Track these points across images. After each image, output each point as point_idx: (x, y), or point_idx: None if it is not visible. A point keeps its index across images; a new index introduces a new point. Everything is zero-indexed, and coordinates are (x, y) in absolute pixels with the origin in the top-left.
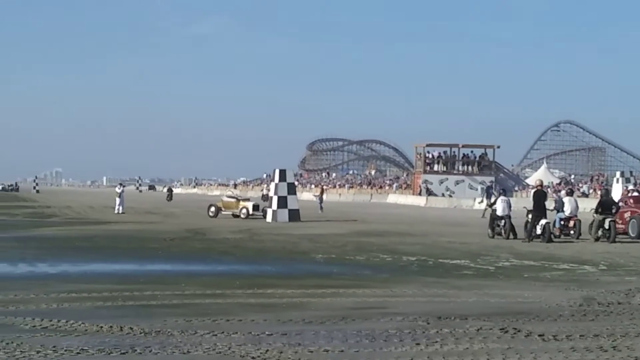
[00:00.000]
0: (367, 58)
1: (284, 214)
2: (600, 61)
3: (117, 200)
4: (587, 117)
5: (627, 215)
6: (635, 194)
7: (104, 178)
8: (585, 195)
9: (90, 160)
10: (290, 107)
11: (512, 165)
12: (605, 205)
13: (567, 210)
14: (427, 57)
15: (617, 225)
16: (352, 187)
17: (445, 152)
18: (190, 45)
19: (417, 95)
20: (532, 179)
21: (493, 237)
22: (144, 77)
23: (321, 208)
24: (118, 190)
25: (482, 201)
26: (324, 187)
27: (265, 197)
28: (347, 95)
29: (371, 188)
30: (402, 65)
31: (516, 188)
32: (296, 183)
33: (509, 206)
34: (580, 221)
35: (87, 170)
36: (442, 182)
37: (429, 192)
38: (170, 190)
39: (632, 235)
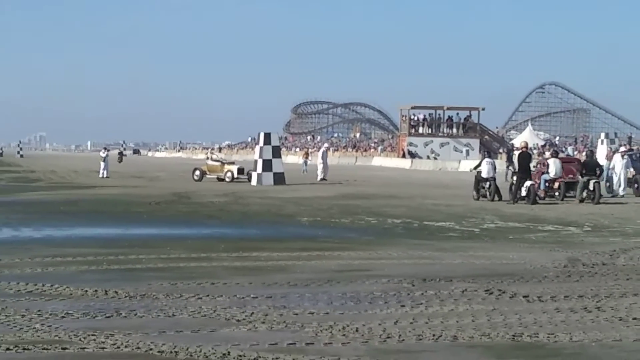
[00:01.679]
0: (352, 20)
1: (269, 177)
2: (584, 21)
3: (102, 164)
4: (571, 79)
5: (545, 176)
6: (621, 152)
7: (89, 142)
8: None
9: (74, 124)
10: (275, 69)
11: (497, 128)
12: (589, 167)
13: (552, 172)
14: (411, 20)
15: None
16: (337, 150)
17: (430, 115)
18: (177, 8)
19: (402, 57)
20: (517, 141)
21: (478, 199)
22: (129, 41)
23: (306, 170)
24: (102, 154)
25: (508, 166)
26: (309, 150)
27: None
28: (332, 57)
29: (356, 151)
30: (387, 27)
31: (501, 150)
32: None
33: (494, 168)
34: (565, 183)
35: (71, 134)
36: (427, 145)
37: (412, 155)
38: (120, 154)
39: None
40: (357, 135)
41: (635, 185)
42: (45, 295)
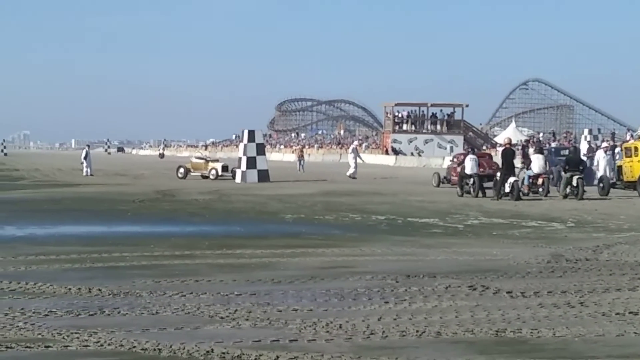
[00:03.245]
0: (336, 17)
1: (253, 175)
2: (567, 18)
3: (84, 162)
4: (555, 75)
5: (459, 169)
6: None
7: (73, 140)
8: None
9: (58, 122)
10: (259, 67)
11: (481, 124)
12: (573, 163)
13: (536, 167)
14: (395, 16)
15: (452, 178)
16: (321, 147)
17: (413, 111)
18: (158, 3)
19: (386, 54)
20: (501, 138)
21: (462, 195)
22: (112, 38)
23: (301, 168)
24: (83, 155)
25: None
26: (303, 148)
27: (162, 156)
28: (316, 54)
29: (340, 148)
30: (370, 24)
31: (485, 147)
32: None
33: (478, 165)
34: (548, 179)
35: (55, 132)
36: (411, 142)
37: (396, 152)
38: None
39: None
40: (342, 132)
41: (601, 185)
42: (28, 293)
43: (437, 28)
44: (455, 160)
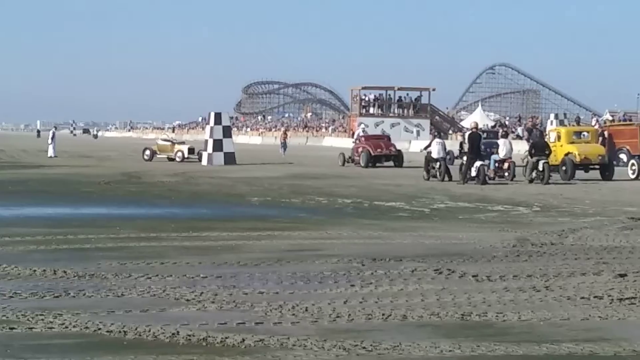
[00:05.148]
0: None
1: (219, 157)
2: (535, 3)
3: (50, 143)
4: (522, 60)
5: (360, 149)
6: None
7: (38, 122)
8: (519, 137)
9: (23, 103)
10: (226, 49)
11: (447, 108)
12: (538, 147)
13: (502, 152)
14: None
15: (355, 158)
16: (287, 130)
17: (380, 95)
18: None
19: (354, 37)
20: (468, 122)
21: (428, 179)
22: (79, 19)
23: (284, 152)
24: (50, 135)
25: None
26: (287, 130)
27: (95, 137)
28: (283, 37)
29: (307, 131)
30: (337, 7)
31: (451, 131)
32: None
33: (444, 149)
34: (514, 163)
35: (20, 113)
36: (377, 125)
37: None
38: (38, 132)
39: (362, 165)
40: (308, 115)
41: (564, 168)
42: None
43: (404, 12)
44: (357, 141)
